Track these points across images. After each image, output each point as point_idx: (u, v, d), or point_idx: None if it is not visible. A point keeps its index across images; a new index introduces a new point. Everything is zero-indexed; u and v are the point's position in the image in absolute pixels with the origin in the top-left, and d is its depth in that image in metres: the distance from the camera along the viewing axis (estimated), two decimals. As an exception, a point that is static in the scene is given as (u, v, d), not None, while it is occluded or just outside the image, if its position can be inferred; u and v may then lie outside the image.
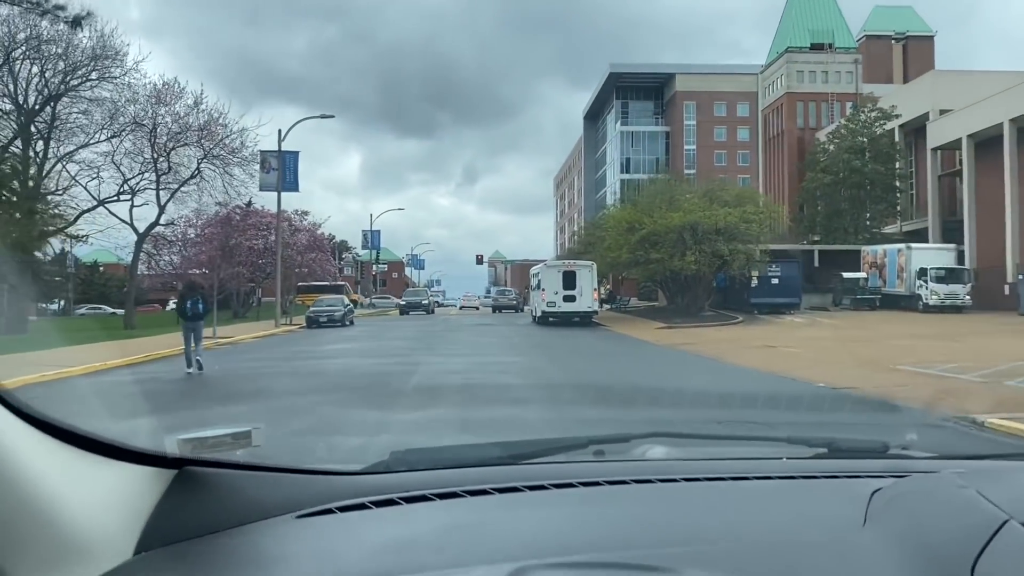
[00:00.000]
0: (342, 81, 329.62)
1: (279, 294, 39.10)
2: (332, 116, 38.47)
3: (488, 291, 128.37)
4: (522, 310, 63.47)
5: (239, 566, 1.39)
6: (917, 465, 1.94)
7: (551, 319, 37.04)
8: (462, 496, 1.64)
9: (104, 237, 42.90)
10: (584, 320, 37.31)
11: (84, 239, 45.26)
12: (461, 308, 71.11)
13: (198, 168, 38.57)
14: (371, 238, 76.91)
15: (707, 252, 36.45)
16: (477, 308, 70.58)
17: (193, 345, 17.12)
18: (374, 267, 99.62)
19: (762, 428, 6.22)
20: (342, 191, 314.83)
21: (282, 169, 37.63)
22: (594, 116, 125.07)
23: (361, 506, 1.58)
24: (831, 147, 55.62)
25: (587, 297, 36.93)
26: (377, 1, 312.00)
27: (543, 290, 37.37)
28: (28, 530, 1.18)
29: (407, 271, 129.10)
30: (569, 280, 37.00)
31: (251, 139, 38.64)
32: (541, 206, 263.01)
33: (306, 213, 59.87)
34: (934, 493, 1.52)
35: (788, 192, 65.05)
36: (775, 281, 41.61)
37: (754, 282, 41.16)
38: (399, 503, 1.59)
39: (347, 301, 41.89)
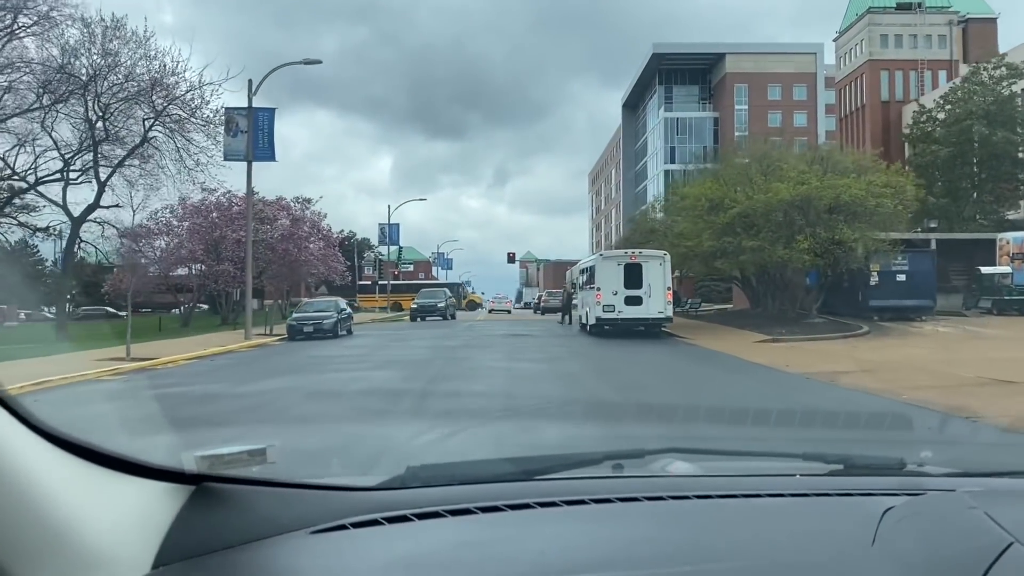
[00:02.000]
0: (372, 83, 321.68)
1: (249, 296, 29.88)
2: (319, 62, 29.26)
3: (520, 292, 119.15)
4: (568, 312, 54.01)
5: None
6: (932, 483, 1.91)
7: (607, 327, 27.54)
8: (474, 513, 1.63)
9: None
10: (651, 329, 27.77)
11: (47, 231, 36.78)
12: (491, 311, 61.63)
13: (146, 133, 29.51)
14: (389, 232, 67.37)
15: (823, 237, 26.64)
16: (509, 312, 61.07)
17: None
18: (397, 266, 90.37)
19: (778, 443, 5.10)
20: (374, 193, 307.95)
21: (253, 131, 28.50)
22: (634, 104, 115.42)
23: (374, 522, 1.57)
24: (941, 114, 45.29)
25: (658, 299, 27.25)
26: (406, 2, 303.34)
27: (597, 289, 27.76)
28: (48, 545, 1.19)
29: (434, 271, 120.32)
30: (633, 275, 27.37)
31: (214, 94, 29.55)
32: (573, 207, 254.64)
33: (308, 201, 50.76)
34: (943, 513, 1.54)
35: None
36: (901, 278, 31.60)
37: (874, 279, 31.25)
38: (411, 519, 1.59)
39: (343, 306, 32.66)
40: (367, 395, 12.16)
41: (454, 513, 1.61)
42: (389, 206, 64.80)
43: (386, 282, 70.20)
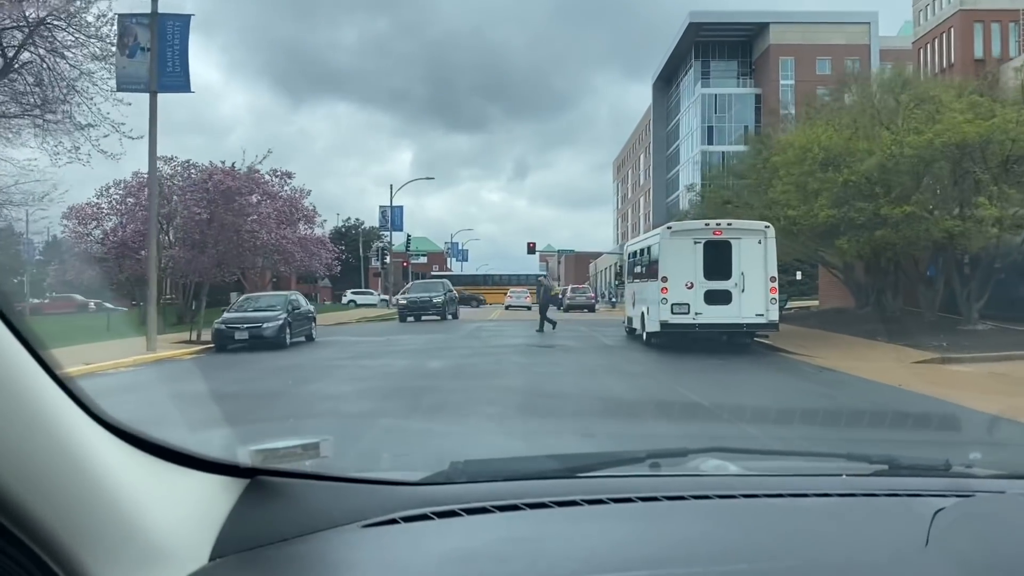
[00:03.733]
0: (392, 74, 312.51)
1: (153, 289, 20.92)
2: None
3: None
4: (593, 310, 45.13)
5: (310, 573, 1.42)
6: (981, 484, 1.88)
7: (674, 336, 18.39)
8: (522, 509, 1.64)
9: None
10: (737, 339, 18.65)
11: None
12: (507, 307, 53.04)
13: (11, 59, 20.48)
14: (391, 215, 58.27)
15: (1017, 200, 17.26)
16: (528, 308, 52.37)
17: None
18: (407, 257, 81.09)
19: (821, 444, 5.28)
20: (394, 187, 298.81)
21: (159, 48, 19.49)
22: (667, 80, 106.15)
23: (424, 516, 1.58)
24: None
25: (756, 294, 17.93)
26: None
27: (662, 280, 18.51)
28: (113, 535, 1.20)
29: (449, 263, 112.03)
30: (718, 259, 18.11)
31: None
32: (595, 200, 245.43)
33: (289, 175, 41.28)
34: (999, 514, 1.52)
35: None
36: (1092, 266, 22.15)
37: (1049, 267, 21.81)
38: (461, 515, 1.60)
39: (299, 303, 23.73)
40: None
41: (502, 509, 1.61)
42: (391, 185, 55.61)
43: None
